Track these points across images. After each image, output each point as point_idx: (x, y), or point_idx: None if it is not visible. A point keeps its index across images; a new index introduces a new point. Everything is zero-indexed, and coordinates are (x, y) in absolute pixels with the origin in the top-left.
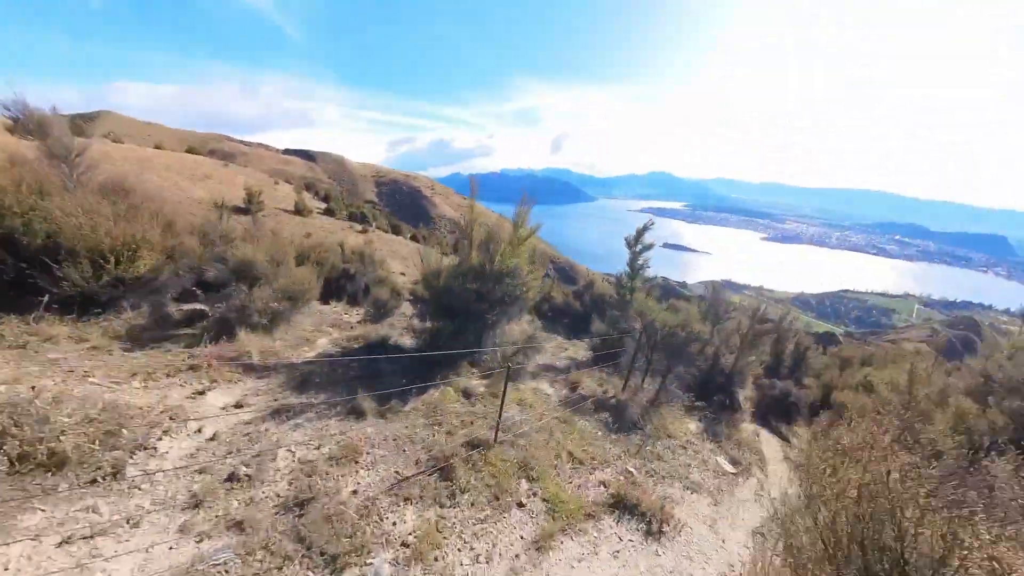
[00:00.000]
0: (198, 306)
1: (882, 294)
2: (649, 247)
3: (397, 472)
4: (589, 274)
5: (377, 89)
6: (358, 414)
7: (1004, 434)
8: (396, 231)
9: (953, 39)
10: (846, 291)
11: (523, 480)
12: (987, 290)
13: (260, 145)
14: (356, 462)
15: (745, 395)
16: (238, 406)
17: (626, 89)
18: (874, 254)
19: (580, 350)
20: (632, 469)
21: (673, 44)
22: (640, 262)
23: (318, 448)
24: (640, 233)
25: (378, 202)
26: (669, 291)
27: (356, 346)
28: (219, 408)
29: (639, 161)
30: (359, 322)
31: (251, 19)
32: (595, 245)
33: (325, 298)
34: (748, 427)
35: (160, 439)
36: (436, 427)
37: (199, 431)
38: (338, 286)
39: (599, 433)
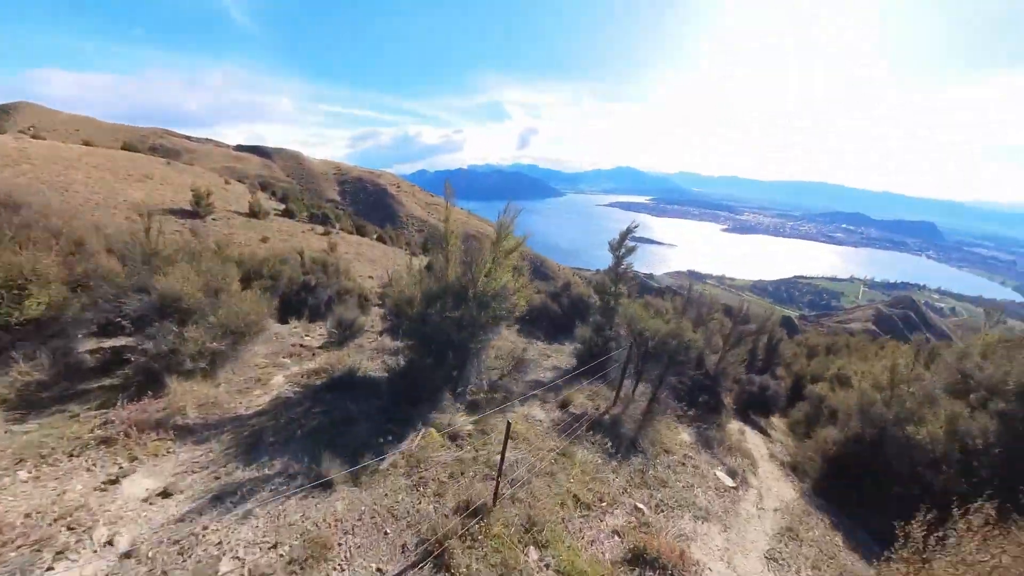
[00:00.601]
0: (123, 342)
1: (831, 278)
2: (632, 251)
3: (379, 570)
4: (562, 270)
5: (336, 81)
6: (325, 484)
7: (994, 438)
8: (361, 232)
9: (891, 44)
10: (799, 277)
11: (531, 548)
12: (921, 271)
13: (209, 141)
14: (326, 559)
15: (728, 395)
16: (166, 495)
17: (590, 85)
18: (823, 242)
19: (564, 355)
20: (641, 505)
21: (635, 42)
22: (623, 266)
23: (274, 548)
24: (624, 237)
25: (341, 202)
26: (644, 288)
27: (319, 382)
28: (140, 500)
29: (605, 156)
30: (322, 347)
31: (192, 1)
32: (566, 240)
33: (283, 316)
34: (733, 427)
35: (50, 568)
36: (422, 488)
37: (110, 543)
38: (298, 300)
39: (599, 461)
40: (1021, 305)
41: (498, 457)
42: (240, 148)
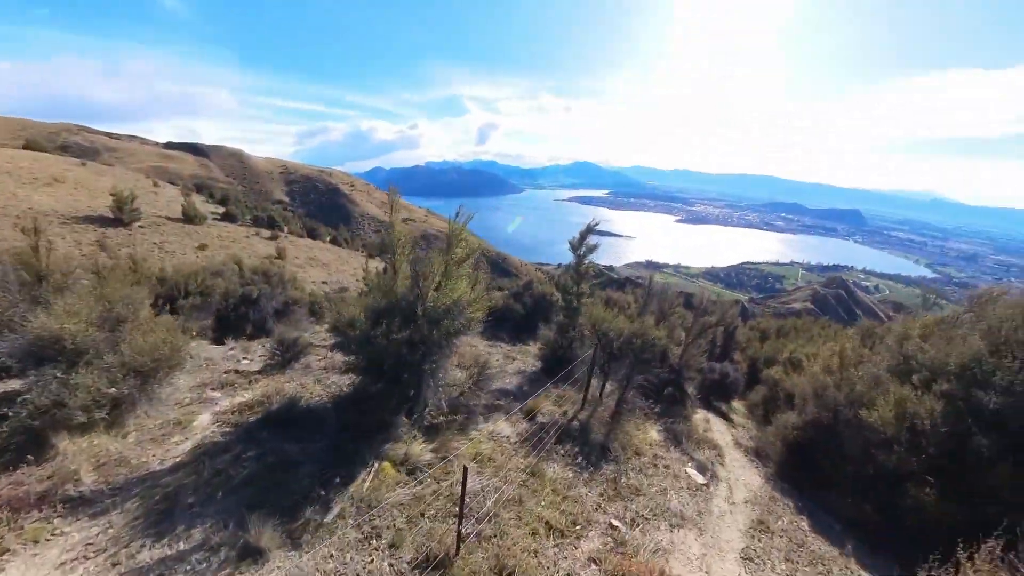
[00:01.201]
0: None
1: (775, 263)
2: (594, 249)
3: None
4: (524, 266)
5: (279, 72)
6: (255, 554)
7: (940, 418)
8: (313, 235)
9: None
10: (747, 263)
11: None
12: (849, 254)
13: (133, 138)
14: None
15: (692, 384)
16: None
17: (546, 80)
18: (766, 230)
19: (529, 357)
20: (616, 522)
21: (588, 38)
22: (584, 265)
23: None
24: (584, 235)
25: (290, 203)
26: (606, 281)
27: (254, 418)
28: None
29: (562, 151)
30: (261, 371)
31: None
32: (527, 236)
33: (220, 335)
34: (699, 417)
35: None
36: (374, 541)
37: None
38: (238, 315)
39: (571, 475)
40: (932, 280)
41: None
42: (171, 146)
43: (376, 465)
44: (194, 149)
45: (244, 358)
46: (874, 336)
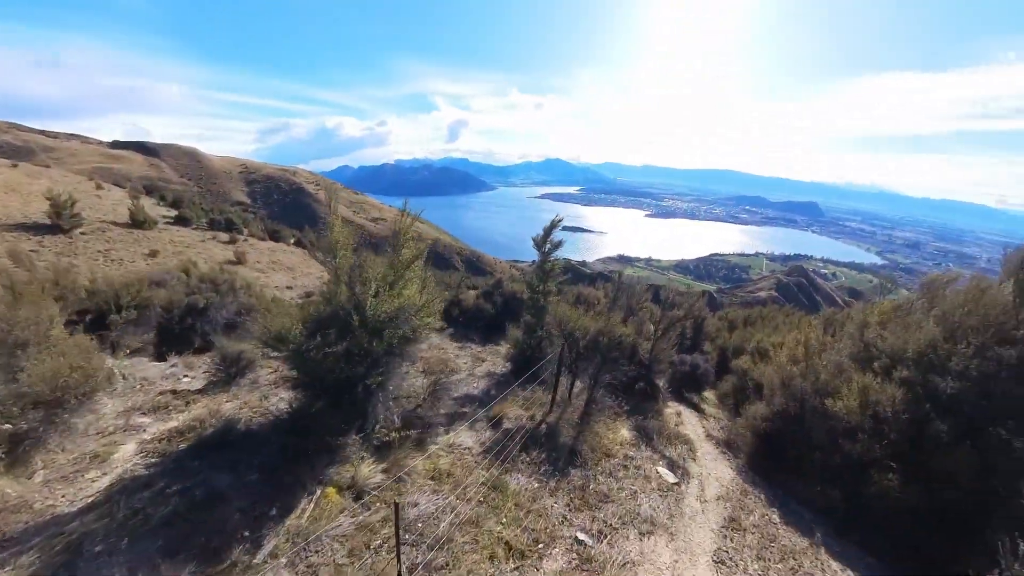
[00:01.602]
0: None
1: (740, 254)
2: (558, 245)
3: None
4: (498, 264)
5: (236, 65)
6: None
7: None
8: (276, 237)
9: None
10: (714, 255)
11: None
12: (808, 244)
13: (74, 137)
14: None
15: (662, 378)
16: None
17: (516, 77)
18: (731, 222)
19: (499, 358)
20: (582, 536)
21: (555, 36)
22: (549, 263)
23: None
24: (548, 232)
25: (251, 204)
26: (578, 276)
27: (184, 446)
28: None
29: (534, 149)
30: (204, 389)
31: None
32: (500, 234)
33: (163, 351)
34: (670, 411)
35: None
36: None
37: None
38: (183, 328)
39: (536, 486)
40: (882, 266)
41: (416, 511)
42: (118, 145)
43: (318, 492)
44: (143, 148)
45: (186, 375)
46: (835, 323)
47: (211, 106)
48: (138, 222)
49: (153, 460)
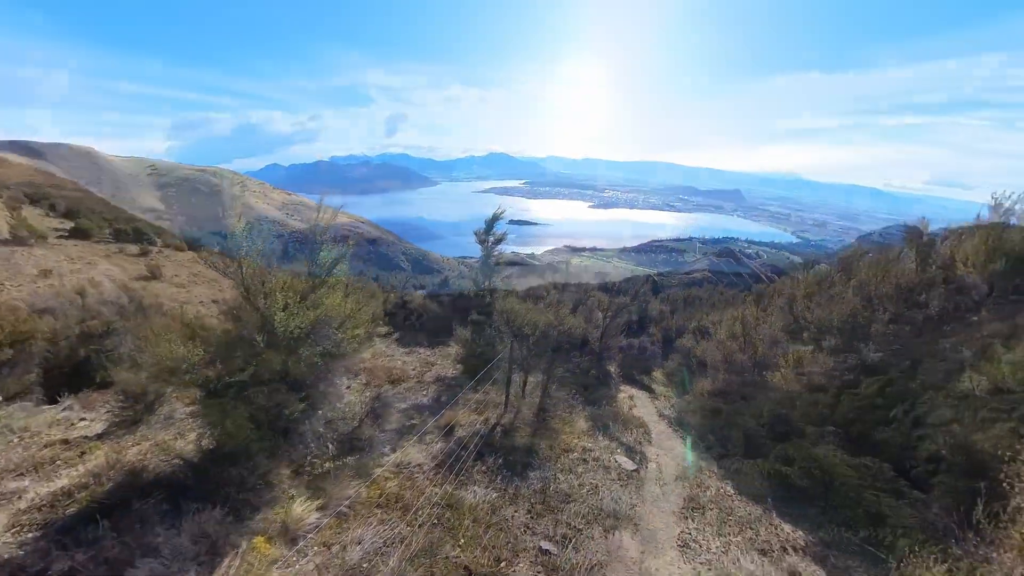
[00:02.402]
0: None
1: (676, 239)
2: (502, 239)
3: None
4: (446, 261)
5: (140, 51)
6: None
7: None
8: (196, 246)
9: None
10: (654, 241)
11: None
12: (734, 227)
13: None
14: None
15: (614, 364)
16: None
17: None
18: (667, 210)
19: (449, 360)
20: (546, 545)
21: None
22: (494, 258)
23: None
24: (490, 225)
25: (166, 210)
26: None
27: (73, 510)
28: None
29: (476, 143)
30: (102, 434)
31: None
32: (446, 229)
33: (54, 392)
34: (623, 395)
35: None
36: None
37: None
38: (78, 362)
39: (495, 496)
40: (796, 244)
41: (359, 550)
42: None
43: (243, 544)
44: (26, 148)
45: (83, 419)
46: (765, 298)
47: (110, 98)
48: (20, 238)
49: (30, 535)
